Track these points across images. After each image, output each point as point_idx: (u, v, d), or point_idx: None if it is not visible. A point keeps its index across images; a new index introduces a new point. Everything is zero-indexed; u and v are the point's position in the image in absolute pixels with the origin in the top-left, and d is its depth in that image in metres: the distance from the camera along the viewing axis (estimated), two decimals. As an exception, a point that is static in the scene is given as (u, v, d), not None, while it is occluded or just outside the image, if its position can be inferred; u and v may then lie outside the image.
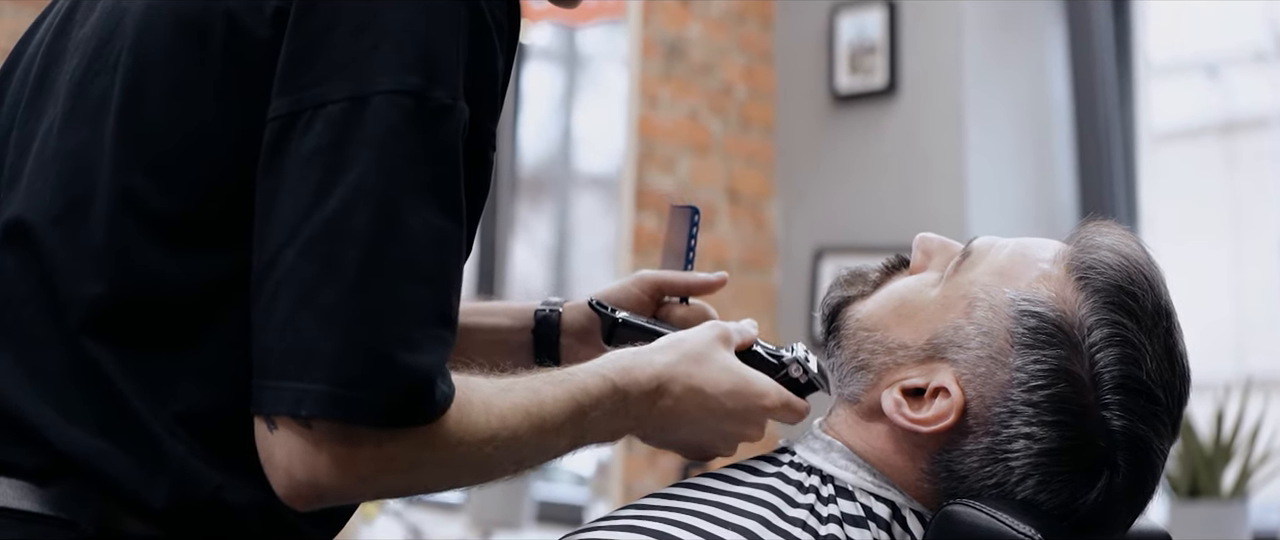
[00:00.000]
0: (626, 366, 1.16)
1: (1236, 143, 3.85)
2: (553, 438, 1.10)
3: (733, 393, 1.19)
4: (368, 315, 0.97)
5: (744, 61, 3.77)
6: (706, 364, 1.19)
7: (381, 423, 0.98)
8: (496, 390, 1.06)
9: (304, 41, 1.01)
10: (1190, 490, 2.77)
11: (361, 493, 1.02)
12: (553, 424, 1.09)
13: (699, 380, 1.18)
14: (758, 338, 1.27)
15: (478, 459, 1.04)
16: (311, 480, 0.98)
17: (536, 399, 1.08)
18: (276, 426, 0.98)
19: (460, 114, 1.03)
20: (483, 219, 1.16)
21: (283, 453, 0.98)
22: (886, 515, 1.15)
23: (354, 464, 0.98)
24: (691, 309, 1.38)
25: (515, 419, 1.06)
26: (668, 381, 1.17)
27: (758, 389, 1.21)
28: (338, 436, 0.97)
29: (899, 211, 3.43)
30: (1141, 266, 1.14)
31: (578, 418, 1.11)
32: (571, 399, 1.10)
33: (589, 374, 1.13)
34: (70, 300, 1.04)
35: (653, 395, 1.16)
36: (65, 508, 1.03)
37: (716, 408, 1.19)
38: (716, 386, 1.19)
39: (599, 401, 1.12)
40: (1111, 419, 1.10)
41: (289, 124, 1.00)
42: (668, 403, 1.17)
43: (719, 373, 1.19)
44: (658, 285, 1.38)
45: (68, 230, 1.06)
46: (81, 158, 1.07)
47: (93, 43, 1.11)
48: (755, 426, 1.22)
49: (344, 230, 0.97)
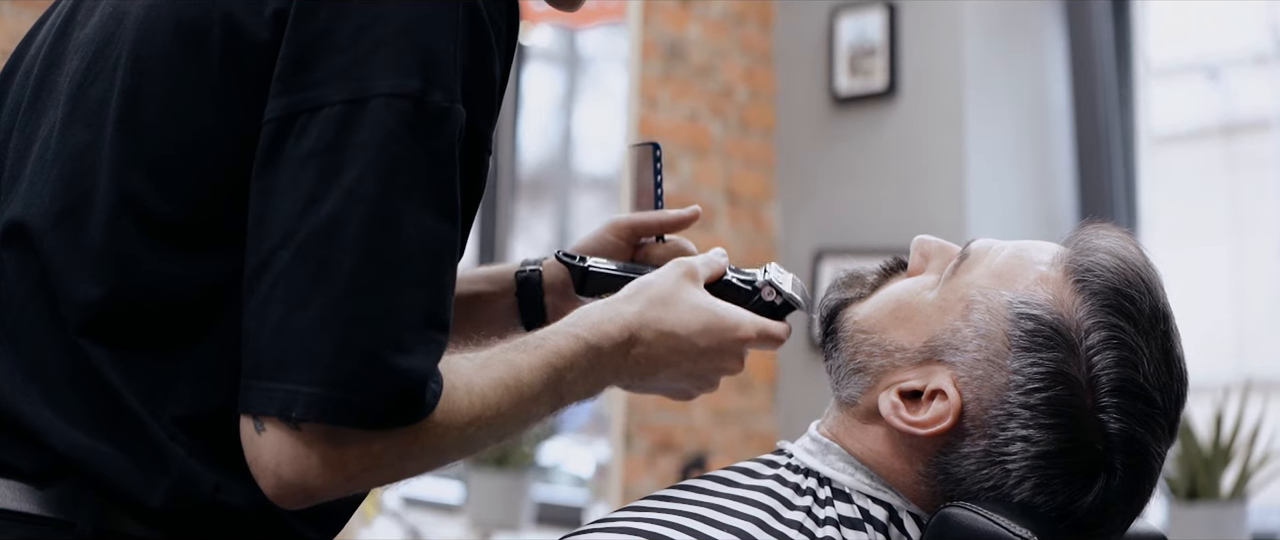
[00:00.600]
0: (596, 321, 1.16)
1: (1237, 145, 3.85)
2: (532, 406, 1.10)
3: (705, 330, 1.19)
4: (360, 318, 0.97)
5: (744, 63, 3.77)
6: (674, 305, 1.19)
7: (373, 425, 0.98)
8: (475, 368, 1.06)
9: (302, 44, 1.01)
10: (1189, 492, 2.77)
11: (349, 490, 1.02)
12: (531, 393, 1.09)
13: (669, 323, 1.18)
14: (728, 266, 1.26)
15: (462, 441, 1.05)
16: (301, 481, 0.98)
17: (513, 370, 1.08)
18: (264, 427, 0.98)
19: (457, 117, 1.03)
20: (483, 219, 1.16)
21: (271, 454, 0.98)
22: (883, 518, 1.15)
23: (343, 464, 0.98)
24: (669, 246, 1.37)
25: (495, 395, 1.06)
26: (638, 329, 1.17)
27: (730, 322, 1.20)
28: (327, 438, 0.97)
29: (899, 213, 3.43)
30: (1139, 269, 1.14)
31: (555, 382, 1.11)
32: (547, 364, 1.10)
33: (561, 335, 1.13)
34: (69, 302, 1.04)
35: (625, 346, 1.16)
36: (63, 509, 1.03)
37: (690, 348, 1.19)
38: (687, 327, 1.19)
39: (574, 362, 1.12)
40: (1109, 422, 1.10)
41: (285, 126, 1.00)
42: (641, 350, 1.17)
43: (688, 312, 1.19)
44: (631, 228, 1.38)
45: (67, 232, 1.06)
46: (81, 160, 1.07)
47: (93, 45, 1.11)
48: (733, 359, 1.22)
49: (338, 233, 0.98)
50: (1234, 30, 3.72)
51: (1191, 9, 3.75)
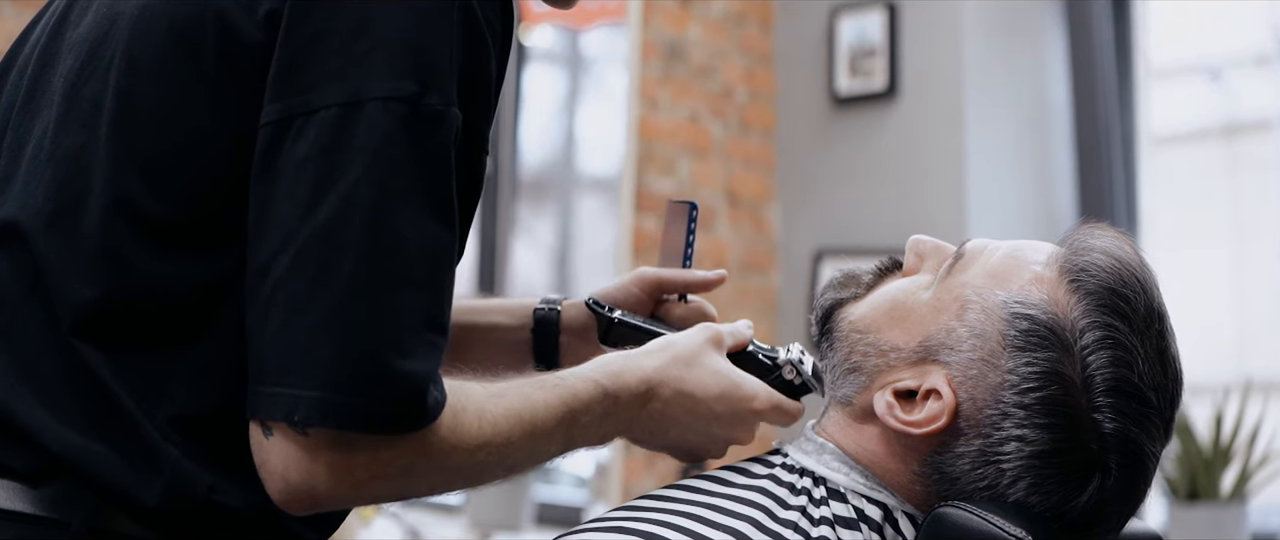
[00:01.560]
0: (616, 371, 1.17)
1: (1238, 146, 3.85)
2: (544, 443, 1.11)
3: (721, 396, 1.20)
4: (361, 322, 0.97)
5: (744, 63, 3.76)
6: (696, 368, 1.20)
7: (376, 428, 0.98)
8: (489, 396, 1.07)
9: (297, 46, 1.01)
10: (1189, 493, 2.77)
11: (356, 498, 1.03)
12: (544, 429, 1.10)
13: (689, 385, 1.19)
14: (752, 339, 1.27)
15: (470, 465, 1.05)
16: (308, 486, 0.98)
17: (528, 404, 1.09)
18: (272, 432, 0.99)
19: (453, 120, 1.03)
20: (483, 220, 1.17)
21: (278, 459, 0.98)
22: (878, 517, 1.15)
23: (350, 471, 0.99)
24: (690, 307, 1.38)
25: (507, 425, 1.06)
26: (657, 385, 1.18)
27: (746, 392, 1.21)
28: (333, 443, 0.98)
29: (899, 214, 3.43)
30: (1134, 269, 1.14)
31: (568, 422, 1.12)
32: (562, 404, 1.11)
33: (580, 379, 1.14)
34: (63, 303, 1.04)
35: (642, 399, 1.17)
36: (58, 509, 1.03)
37: (705, 411, 1.20)
38: (705, 390, 1.19)
39: (589, 406, 1.13)
40: (1103, 421, 1.10)
41: (282, 130, 1.00)
42: (657, 406, 1.18)
43: (708, 376, 1.20)
44: (657, 283, 1.38)
45: (61, 233, 1.06)
46: (75, 161, 1.07)
47: (87, 45, 1.11)
48: (744, 429, 1.23)
49: (337, 237, 0.98)
50: (1235, 31, 3.72)
51: (1192, 10, 3.75)
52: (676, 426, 1.20)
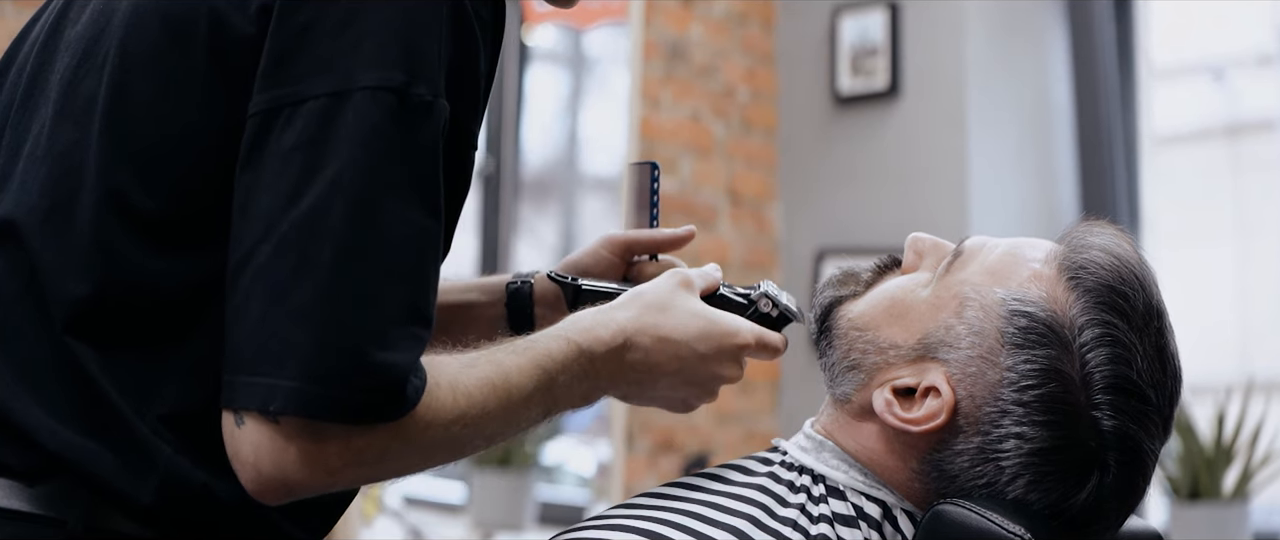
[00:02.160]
0: (588, 326, 1.14)
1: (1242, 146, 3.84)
2: (522, 408, 1.08)
3: (703, 335, 1.18)
4: (341, 312, 0.96)
5: (746, 63, 3.77)
6: (671, 311, 1.18)
7: (352, 419, 0.97)
8: (461, 367, 1.05)
9: (286, 38, 1.01)
10: (1191, 492, 2.77)
11: (331, 485, 1.01)
12: (520, 394, 1.07)
13: (665, 328, 1.17)
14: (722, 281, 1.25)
15: (447, 440, 1.03)
16: (280, 475, 0.97)
17: (501, 371, 1.07)
18: (244, 422, 0.97)
19: (442, 111, 1.02)
20: (485, 220, 1.16)
21: (250, 448, 0.97)
22: (877, 515, 1.15)
23: (322, 458, 0.97)
24: (661, 264, 1.36)
25: (482, 394, 1.05)
26: (634, 334, 1.16)
27: (727, 327, 1.19)
28: (306, 432, 0.96)
29: (900, 213, 3.43)
30: (1133, 266, 1.14)
31: (546, 384, 1.10)
32: (536, 366, 1.09)
33: (551, 338, 1.12)
34: (56, 300, 1.04)
35: (619, 351, 1.15)
36: (54, 507, 1.03)
37: (688, 353, 1.18)
38: (685, 331, 1.17)
39: (565, 365, 1.11)
40: (1102, 419, 1.10)
41: (269, 120, 1.00)
42: (638, 356, 1.16)
43: (686, 317, 1.18)
44: (626, 244, 1.37)
45: (55, 230, 1.06)
46: (69, 157, 1.07)
47: (83, 42, 1.11)
48: (733, 365, 1.21)
49: (319, 227, 0.97)
50: (1238, 31, 3.72)
51: (1195, 10, 3.75)
52: (663, 375, 1.18)
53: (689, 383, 1.19)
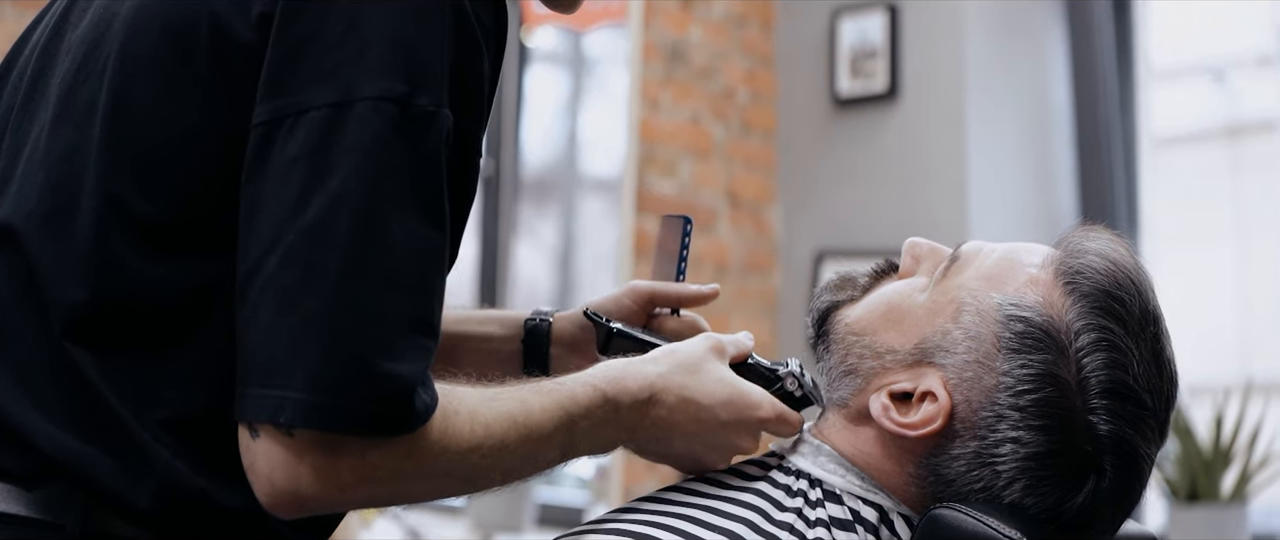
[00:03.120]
0: (617, 376, 1.15)
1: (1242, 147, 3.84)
2: (541, 447, 1.09)
3: (727, 403, 1.18)
4: (347, 322, 0.96)
5: (745, 65, 3.77)
6: (700, 375, 1.18)
7: (362, 431, 0.97)
8: (483, 399, 1.06)
9: (288, 47, 1.00)
10: (1189, 494, 2.76)
11: (344, 502, 1.01)
12: (541, 433, 1.08)
13: (693, 391, 1.17)
14: (753, 351, 1.26)
15: (462, 468, 1.04)
16: (293, 489, 0.97)
17: (524, 408, 1.07)
18: (258, 434, 0.98)
19: (444, 121, 1.02)
20: (485, 222, 1.16)
21: (265, 461, 0.97)
22: (874, 519, 1.15)
23: (336, 473, 0.97)
24: (683, 321, 1.36)
25: (501, 428, 1.05)
26: (661, 391, 1.16)
27: (752, 400, 1.19)
28: (319, 445, 0.96)
29: (900, 215, 3.43)
30: (1129, 271, 1.14)
31: (567, 427, 1.10)
32: (560, 408, 1.09)
33: (579, 383, 1.13)
34: (54, 305, 1.04)
35: (645, 405, 1.16)
36: (52, 511, 1.03)
37: (710, 419, 1.18)
38: (710, 397, 1.18)
39: (589, 411, 1.12)
40: (1098, 423, 1.10)
41: (272, 130, 0.99)
42: (661, 413, 1.16)
43: (713, 383, 1.18)
44: (650, 296, 1.37)
45: (53, 234, 1.05)
46: (69, 162, 1.07)
47: (84, 46, 1.11)
48: (749, 437, 1.21)
49: (325, 238, 0.97)
50: (1238, 32, 3.71)
51: (1195, 11, 3.75)
52: (681, 435, 1.18)
53: (705, 445, 1.20)
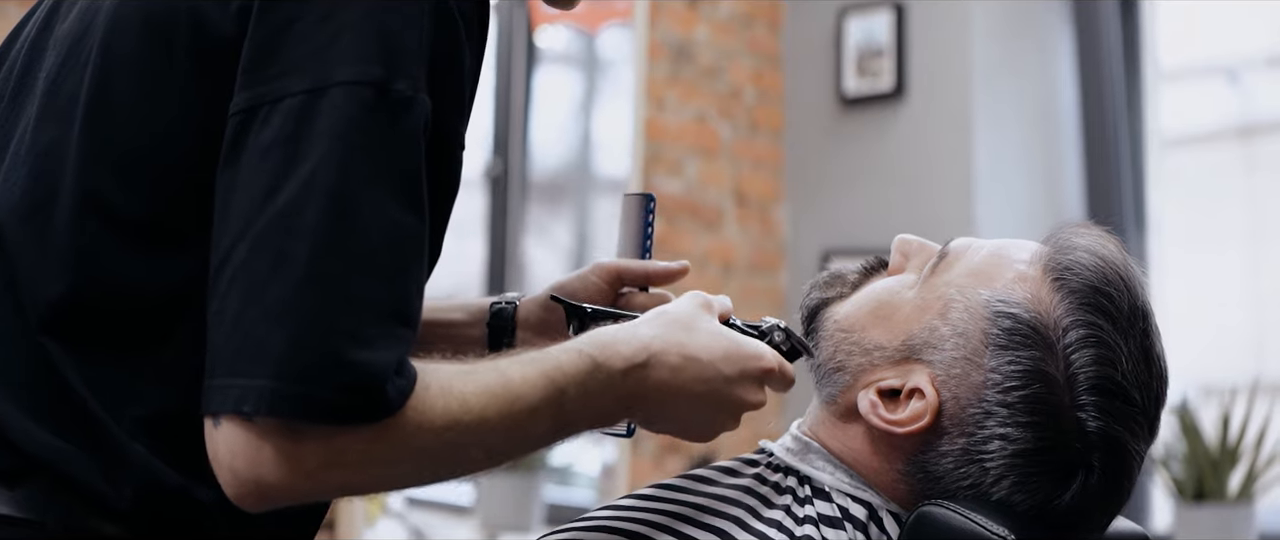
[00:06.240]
0: (607, 342, 1.08)
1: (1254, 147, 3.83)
2: (527, 421, 1.02)
3: (727, 356, 1.12)
4: (317, 310, 0.93)
5: (752, 64, 3.77)
6: (695, 331, 1.12)
7: (327, 419, 0.93)
8: (457, 373, 1.01)
9: (266, 36, 0.99)
10: (1196, 493, 2.76)
11: (313, 490, 0.97)
12: (524, 405, 1.01)
13: (691, 348, 1.10)
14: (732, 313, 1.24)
15: (440, 447, 0.99)
16: (255, 477, 0.94)
17: (503, 379, 1.01)
18: (221, 424, 0.94)
19: (422, 107, 1.00)
20: (494, 223, 1.13)
21: (226, 449, 0.94)
22: (863, 516, 1.15)
23: (300, 459, 0.94)
24: (651, 297, 1.33)
25: (479, 402, 0.99)
26: (658, 353, 1.09)
27: (753, 350, 1.14)
28: (281, 431, 0.93)
29: (906, 215, 3.43)
30: (1118, 267, 1.14)
31: (554, 397, 1.03)
32: (544, 377, 1.03)
33: (564, 351, 1.06)
34: (32, 300, 1.03)
35: (642, 368, 1.08)
36: (33, 509, 1.02)
37: (714, 374, 1.11)
38: (710, 352, 1.11)
39: (577, 379, 1.05)
40: (1087, 420, 1.09)
41: (248, 119, 0.98)
42: (663, 374, 1.09)
43: (709, 338, 1.12)
44: (617, 273, 1.33)
45: (34, 229, 1.05)
46: (50, 157, 1.06)
47: (69, 40, 1.10)
48: (757, 389, 1.15)
49: (295, 223, 0.94)
50: (1250, 32, 3.70)
51: (1206, 11, 3.74)
52: (687, 397, 1.11)
53: (716, 405, 1.13)
